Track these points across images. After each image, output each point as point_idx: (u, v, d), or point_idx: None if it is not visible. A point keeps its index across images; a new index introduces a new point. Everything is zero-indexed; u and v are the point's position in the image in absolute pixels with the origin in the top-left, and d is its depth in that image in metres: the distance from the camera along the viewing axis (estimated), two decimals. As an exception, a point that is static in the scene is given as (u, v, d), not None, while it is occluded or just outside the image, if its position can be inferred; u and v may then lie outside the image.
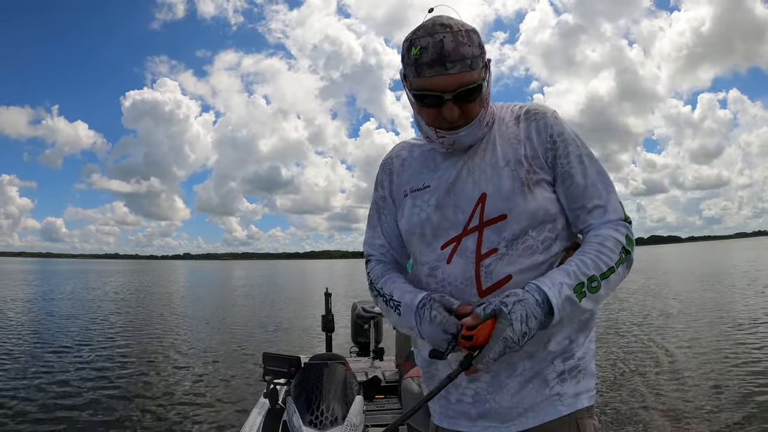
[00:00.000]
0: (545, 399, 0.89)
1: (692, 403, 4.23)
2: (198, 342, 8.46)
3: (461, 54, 0.81)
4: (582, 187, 0.91)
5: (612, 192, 0.93)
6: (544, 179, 0.91)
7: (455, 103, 0.84)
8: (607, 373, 5.27)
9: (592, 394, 0.93)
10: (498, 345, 0.77)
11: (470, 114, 0.87)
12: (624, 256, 0.87)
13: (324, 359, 2.10)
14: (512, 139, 0.92)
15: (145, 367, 6.41)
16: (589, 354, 0.95)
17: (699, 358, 5.82)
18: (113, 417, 4.39)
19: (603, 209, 0.91)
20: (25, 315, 12.58)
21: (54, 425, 4.19)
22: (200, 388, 5.38)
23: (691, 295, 12.72)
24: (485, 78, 0.85)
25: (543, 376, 0.89)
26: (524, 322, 0.78)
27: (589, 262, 0.84)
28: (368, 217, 1.09)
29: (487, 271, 0.88)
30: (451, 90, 0.82)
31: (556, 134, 0.91)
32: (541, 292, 0.80)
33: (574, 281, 0.82)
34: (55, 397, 4.99)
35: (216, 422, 4.25)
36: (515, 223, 0.88)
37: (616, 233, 0.88)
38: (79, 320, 11.29)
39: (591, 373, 0.94)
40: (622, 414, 4.05)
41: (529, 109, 0.95)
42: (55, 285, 26.45)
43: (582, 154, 0.92)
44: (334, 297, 3.87)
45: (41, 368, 6.25)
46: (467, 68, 0.81)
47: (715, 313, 9.21)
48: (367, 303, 3.66)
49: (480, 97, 0.86)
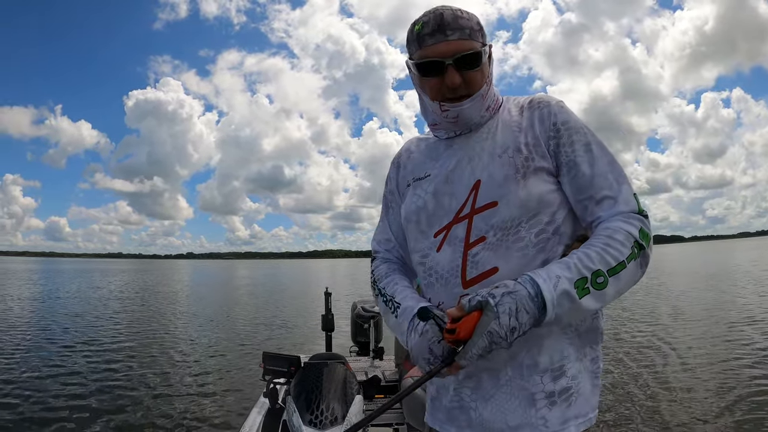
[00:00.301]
0: (530, 422, 0.82)
1: (698, 407, 4.21)
2: (198, 341, 8.47)
3: (460, 24, 0.85)
4: (589, 176, 0.85)
5: (624, 183, 0.86)
6: (543, 168, 0.86)
7: (456, 69, 0.85)
8: (611, 374, 5.26)
9: (581, 421, 0.84)
10: (482, 339, 0.72)
11: (472, 83, 0.87)
12: (637, 251, 0.78)
13: (324, 359, 2.11)
14: (514, 128, 0.90)
15: (145, 366, 6.42)
16: (585, 374, 0.86)
17: (704, 359, 5.78)
18: (113, 416, 4.40)
19: (613, 200, 0.84)
20: (33, 313, 12.65)
21: (50, 424, 4.20)
22: (200, 387, 5.39)
23: (695, 295, 12.66)
24: (486, 54, 0.88)
25: (530, 393, 0.83)
26: (513, 316, 0.71)
27: (595, 256, 0.77)
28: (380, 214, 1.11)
29: (474, 260, 0.85)
30: (450, 55, 0.84)
31: (560, 122, 0.88)
32: (534, 285, 0.74)
33: (575, 275, 0.75)
34: (52, 395, 5.01)
35: (216, 422, 4.25)
36: (505, 211, 0.84)
37: (628, 225, 0.80)
38: (80, 319, 11.32)
39: (586, 397, 0.85)
40: (623, 416, 4.04)
41: (534, 98, 0.93)
42: (61, 284, 26.47)
43: (590, 142, 0.87)
44: (335, 296, 3.87)
45: (40, 365, 6.28)
46: (466, 36, 0.85)
47: (720, 313, 9.16)
48: (367, 303, 3.67)
49: (480, 67, 0.87)
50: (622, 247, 0.78)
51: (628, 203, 0.84)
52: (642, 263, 0.81)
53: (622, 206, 0.83)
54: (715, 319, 8.55)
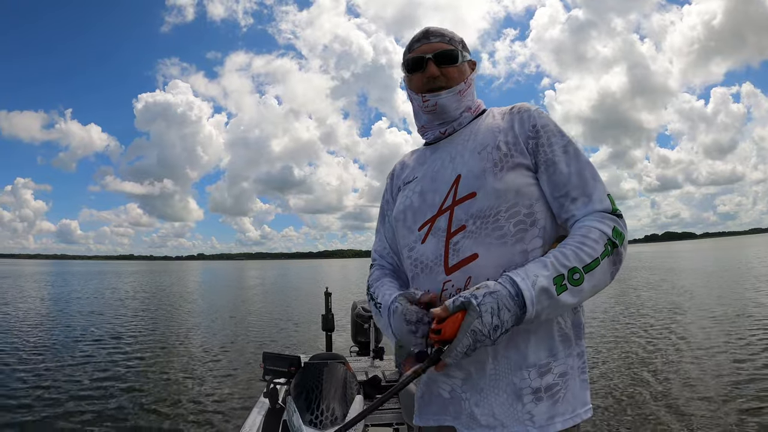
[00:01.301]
0: (517, 417, 0.85)
1: (704, 404, 4.21)
2: (199, 341, 8.48)
3: (441, 32, 1.01)
4: (566, 175, 0.90)
5: (599, 183, 0.90)
6: (522, 163, 0.91)
7: (436, 64, 0.99)
8: (617, 373, 5.27)
9: (568, 417, 0.86)
10: (467, 338, 0.76)
11: (449, 77, 0.99)
12: (610, 248, 0.83)
13: (324, 359, 2.11)
14: (495, 129, 0.97)
15: (145, 366, 6.44)
16: (573, 372, 0.89)
17: (714, 358, 5.75)
18: (114, 415, 4.41)
19: (587, 198, 0.88)
20: (58, 312, 12.93)
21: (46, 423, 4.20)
22: (201, 387, 5.39)
23: (708, 293, 12.59)
24: (465, 59, 1.02)
25: (517, 388, 0.85)
26: (495, 315, 0.76)
27: (570, 254, 0.81)
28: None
29: (455, 248, 0.89)
30: (431, 52, 0.99)
31: (539, 125, 0.94)
32: (514, 284, 0.78)
33: (552, 273, 0.79)
34: (50, 394, 5.02)
35: (216, 422, 4.25)
36: (483, 200, 0.89)
37: (601, 225, 0.85)
38: (89, 319, 11.37)
39: (574, 394, 0.88)
40: (626, 413, 4.04)
41: (515, 105, 1.00)
42: (77, 285, 26.90)
43: (567, 144, 0.92)
44: (339, 296, 3.87)
45: (44, 367, 6.29)
46: (446, 41, 1.00)
47: (732, 309, 9.15)
48: (367, 303, 3.67)
49: (458, 66, 1.00)
50: (595, 245, 0.82)
51: (602, 202, 0.88)
52: (615, 260, 0.85)
53: (597, 205, 0.88)
54: (729, 317, 8.47)
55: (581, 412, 0.88)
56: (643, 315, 9.32)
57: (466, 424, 0.89)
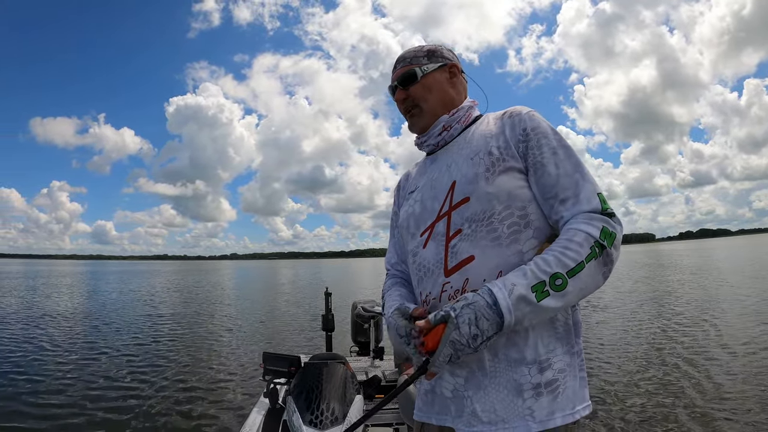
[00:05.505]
0: (518, 412, 0.87)
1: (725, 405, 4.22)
2: (200, 341, 8.48)
3: (404, 57, 1.11)
4: (554, 176, 0.92)
5: (588, 182, 0.91)
6: (514, 167, 0.94)
7: (402, 88, 1.09)
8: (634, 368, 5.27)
9: (568, 413, 0.87)
10: (447, 348, 0.81)
11: (414, 96, 1.08)
12: (597, 250, 0.83)
13: (324, 359, 2.11)
14: (487, 135, 1.00)
15: (147, 366, 6.44)
16: (572, 368, 0.91)
17: (747, 358, 5.70)
18: (114, 415, 4.41)
19: (575, 199, 0.89)
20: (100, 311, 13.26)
21: (44, 421, 4.21)
22: (201, 387, 5.39)
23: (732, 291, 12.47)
24: (427, 71, 1.08)
25: (518, 384, 0.87)
26: (473, 325, 0.79)
27: (552, 260, 0.83)
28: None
29: (453, 251, 0.94)
30: (395, 79, 1.10)
31: (530, 128, 0.96)
32: (491, 294, 0.81)
33: (531, 281, 0.81)
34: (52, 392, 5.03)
35: (216, 422, 4.26)
36: (476, 204, 0.93)
37: (588, 227, 0.85)
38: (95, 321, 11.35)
39: (573, 390, 0.89)
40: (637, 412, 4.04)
41: (507, 109, 1.03)
42: (120, 285, 27.65)
43: (556, 146, 0.94)
44: (343, 296, 3.87)
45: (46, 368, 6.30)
46: (407, 64, 1.09)
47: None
48: (367, 303, 3.68)
49: (420, 82, 1.07)
50: (580, 248, 0.83)
51: (590, 202, 0.89)
52: (605, 262, 0.85)
53: (584, 205, 0.89)
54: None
55: (580, 409, 0.89)
56: (658, 315, 9.31)
57: (467, 422, 0.91)
